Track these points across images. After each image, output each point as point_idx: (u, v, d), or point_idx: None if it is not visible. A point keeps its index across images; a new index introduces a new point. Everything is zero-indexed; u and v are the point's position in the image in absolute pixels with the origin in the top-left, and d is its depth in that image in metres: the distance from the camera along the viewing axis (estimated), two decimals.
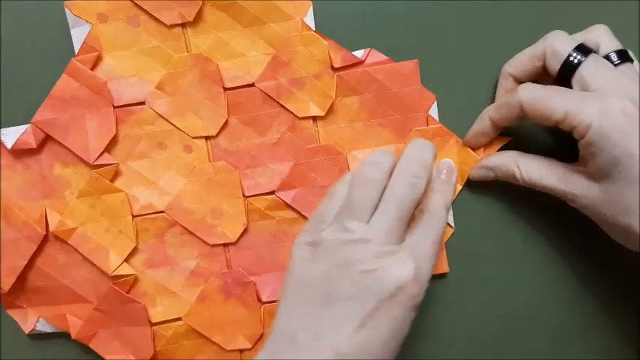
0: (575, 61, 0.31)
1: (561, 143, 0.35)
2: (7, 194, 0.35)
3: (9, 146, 0.34)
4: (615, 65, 0.32)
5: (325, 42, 0.34)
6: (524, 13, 0.35)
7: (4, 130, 0.34)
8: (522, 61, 0.34)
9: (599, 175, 0.31)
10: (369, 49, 0.35)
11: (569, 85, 0.32)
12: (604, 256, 0.36)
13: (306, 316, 0.30)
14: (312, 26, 0.34)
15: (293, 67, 0.34)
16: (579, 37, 0.33)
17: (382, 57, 0.35)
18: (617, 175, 0.30)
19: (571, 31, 0.33)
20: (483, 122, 0.34)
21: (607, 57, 0.32)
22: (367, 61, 0.35)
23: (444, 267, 0.36)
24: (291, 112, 0.35)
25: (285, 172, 0.35)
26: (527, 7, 0.35)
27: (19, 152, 0.35)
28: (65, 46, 0.34)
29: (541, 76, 0.33)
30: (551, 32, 0.33)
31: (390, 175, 0.31)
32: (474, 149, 0.35)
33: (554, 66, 0.32)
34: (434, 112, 0.35)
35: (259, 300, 0.36)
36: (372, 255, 0.29)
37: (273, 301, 0.36)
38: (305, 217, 0.35)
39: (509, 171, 0.34)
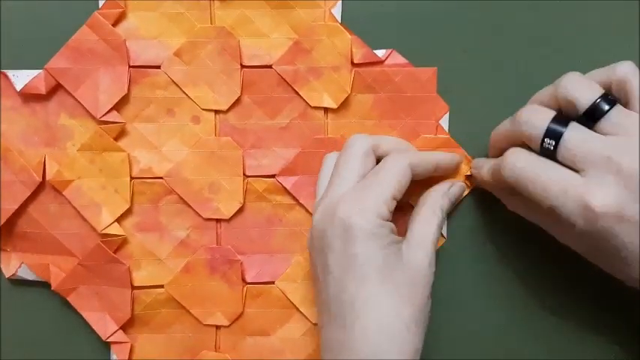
0: (551, 146, 0.29)
1: None
2: (9, 136, 0.35)
3: (18, 89, 0.34)
4: None
5: (349, 36, 0.34)
6: (529, 21, 0.35)
7: (16, 72, 0.34)
8: (499, 144, 0.33)
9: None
10: (390, 49, 0.35)
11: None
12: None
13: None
14: (339, 18, 0.34)
15: (313, 56, 0.34)
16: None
17: (402, 60, 0.35)
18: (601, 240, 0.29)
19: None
20: (482, 177, 0.34)
21: (591, 110, 0.29)
22: (387, 62, 0.35)
23: None
24: (304, 100, 0.35)
25: (289, 158, 0.35)
26: (533, 16, 0.35)
27: (28, 96, 0.35)
28: None
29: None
30: (565, 77, 0.30)
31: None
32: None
33: (535, 147, 0.30)
34: (445, 122, 0.35)
35: (243, 280, 0.36)
36: (323, 206, 0.31)
37: (257, 283, 0.36)
38: (302, 205, 0.36)
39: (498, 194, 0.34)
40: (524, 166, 0.29)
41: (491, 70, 0.36)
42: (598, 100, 0.29)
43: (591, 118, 0.29)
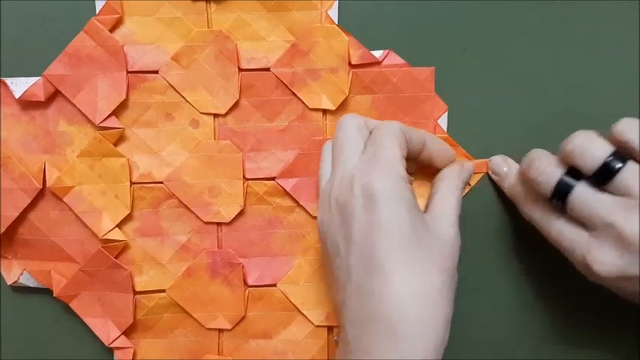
0: (559, 204, 0.29)
1: None
2: (8, 144, 0.35)
3: (17, 96, 0.34)
4: None
5: (346, 37, 0.34)
6: (528, 21, 0.35)
7: (14, 80, 0.34)
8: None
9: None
10: (387, 50, 0.35)
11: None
12: None
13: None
14: (335, 20, 0.34)
15: (311, 58, 0.34)
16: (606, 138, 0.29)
17: (400, 60, 0.35)
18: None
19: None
20: (502, 185, 0.35)
21: (601, 171, 0.28)
22: (384, 62, 0.35)
23: None
24: (303, 102, 0.35)
25: (289, 160, 0.35)
26: (532, 15, 0.35)
27: (26, 104, 0.35)
28: (88, 5, 0.34)
29: None
30: (574, 136, 0.29)
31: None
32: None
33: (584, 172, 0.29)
34: (443, 122, 0.35)
35: (245, 283, 0.36)
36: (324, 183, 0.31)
37: (259, 286, 0.36)
38: (302, 207, 0.36)
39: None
40: (540, 217, 0.31)
41: (489, 69, 0.36)
42: (609, 159, 0.28)
43: (602, 176, 0.28)
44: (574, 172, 0.29)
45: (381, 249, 0.28)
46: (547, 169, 0.30)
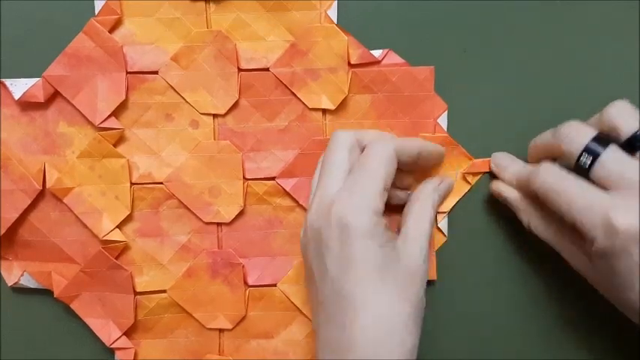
0: (588, 161, 0.30)
1: None
2: (8, 145, 0.35)
3: (17, 97, 0.34)
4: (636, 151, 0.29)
5: (345, 37, 0.34)
6: (528, 21, 0.35)
7: (14, 81, 0.34)
8: (537, 153, 0.34)
9: (593, 259, 0.30)
10: (387, 49, 0.35)
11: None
12: None
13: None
14: (335, 20, 0.34)
15: (310, 58, 0.34)
16: (595, 121, 0.31)
17: (399, 59, 0.35)
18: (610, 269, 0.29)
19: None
20: (503, 177, 0.35)
21: (632, 139, 0.30)
22: (384, 62, 0.35)
23: (432, 274, 0.36)
24: (302, 102, 0.35)
25: (288, 160, 0.35)
26: (531, 14, 0.35)
27: (26, 105, 0.35)
28: (87, 5, 0.34)
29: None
30: (566, 124, 0.31)
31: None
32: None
33: (570, 162, 0.30)
34: (443, 121, 0.35)
35: (245, 283, 0.36)
36: (315, 205, 0.30)
37: (259, 286, 0.36)
38: (302, 207, 0.36)
39: (519, 216, 0.34)
40: (555, 180, 0.30)
41: (489, 69, 0.36)
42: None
43: (631, 146, 0.29)
44: (601, 139, 0.30)
45: (353, 284, 0.29)
46: (574, 133, 0.30)
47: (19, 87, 0.34)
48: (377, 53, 0.35)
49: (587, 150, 0.30)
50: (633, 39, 0.35)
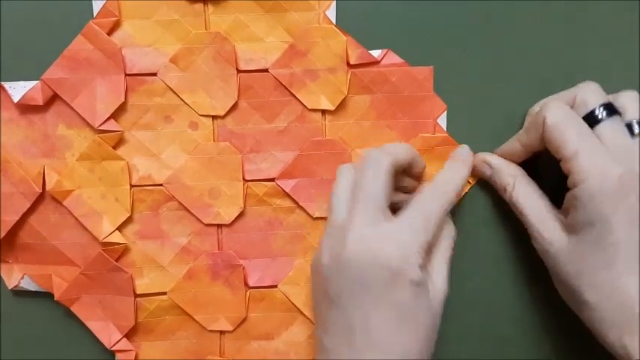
0: (599, 117, 0.31)
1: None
2: (7, 148, 0.35)
3: (15, 100, 0.34)
4: (634, 135, 0.31)
5: (344, 37, 0.34)
6: (528, 21, 0.35)
7: (12, 84, 0.34)
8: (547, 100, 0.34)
9: (573, 229, 0.31)
10: (386, 49, 0.35)
11: None
12: None
13: (322, 324, 0.31)
14: (333, 20, 0.34)
15: (309, 58, 0.34)
16: (609, 97, 0.32)
17: (398, 59, 0.35)
18: (588, 236, 0.30)
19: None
20: (512, 143, 0.34)
21: (629, 124, 0.31)
22: (383, 62, 0.35)
23: None
24: (301, 103, 0.35)
25: (288, 161, 0.35)
26: (532, 15, 0.35)
27: (25, 108, 0.35)
28: (85, 8, 0.34)
29: None
30: (585, 82, 0.32)
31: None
32: None
33: (579, 114, 0.31)
34: (442, 121, 0.35)
35: (246, 284, 0.36)
36: (355, 243, 0.29)
37: (260, 287, 0.36)
38: (302, 208, 0.36)
39: (502, 180, 0.34)
40: (566, 114, 0.31)
41: (488, 69, 0.35)
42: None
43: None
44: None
45: (387, 326, 0.29)
46: (599, 88, 0.32)
47: (17, 90, 0.34)
48: (376, 53, 0.35)
49: (604, 106, 0.31)
50: (633, 39, 0.35)
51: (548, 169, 0.34)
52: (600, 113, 0.31)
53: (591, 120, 0.31)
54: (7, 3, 0.34)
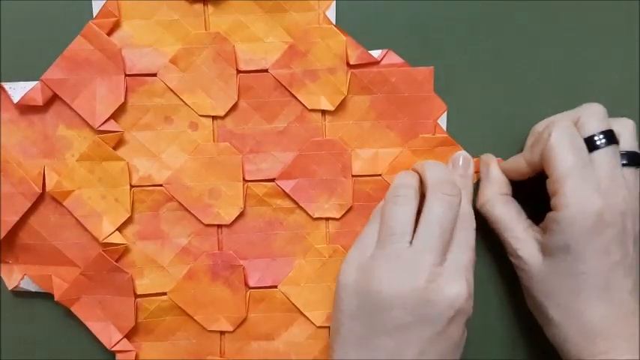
0: (598, 143, 0.31)
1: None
2: (7, 149, 0.35)
3: (15, 101, 0.34)
4: (623, 165, 0.31)
5: (344, 37, 0.34)
6: (528, 21, 0.35)
7: (12, 84, 0.34)
8: (554, 120, 0.34)
9: (548, 251, 0.31)
10: (386, 50, 0.35)
11: None
12: None
13: (363, 349, 0.30)
14: (333, 20, 0.34)
15: (309, 59, 0.34)
16: (609, 122, 0.32)
17: (398, 60, 0.35)
18: (561, 262, 0.31)
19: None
20: (517, 159, 0.34)
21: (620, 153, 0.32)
22: (383, 62, 0.35)
23: None
24: (301, 103, 0.35)
25: (288, 162, 0.35)
26: (532, 15, 0.35)
27: (25, 108, 0.35)
28: (85, 8, 0.34)
29: None
30: (589, 105, 0.32)
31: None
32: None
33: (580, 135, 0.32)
34: (443, 121, 0.35)
35: (246, 284, 0.36)
36: (424, 279, 0.29)
37: (260, 287, 0.36)
38: (302, 208, 0.36)
39: (487, 192, 0.34)
40: (570, 138, 0.31)
41: (488, 69, 0.35)
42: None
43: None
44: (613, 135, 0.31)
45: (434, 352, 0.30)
46: (603, 114, 0.32)
47: (17, 91, 0.34)
48: (376, 54, 0.35)
49: (604, 133, 0.31)
50: (633, 39, 0.35)
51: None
52: (599, 140, 0.31)
53: (589, 145, 0.31)
54: (7, 3, 0.34)
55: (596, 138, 0.31)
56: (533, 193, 0.34)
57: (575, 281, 0.31)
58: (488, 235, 0.36)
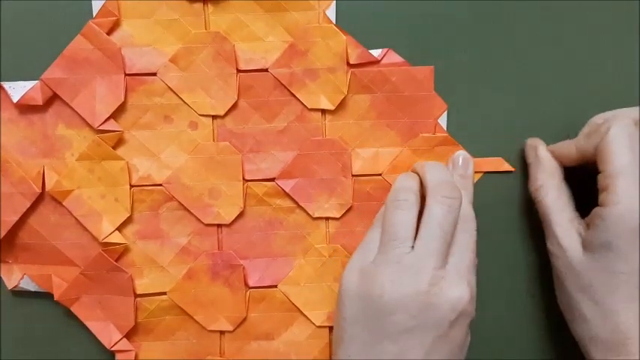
0: None
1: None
2: (7, 148, 0.35)
3: (15, 100, 0.34)
4: None
5: (344, 37, 0.34)
6: (528, 21, 0.35)
7: (12, 84, 0.34)
8: (615, 114, 0.33)
9: (589, 246, 0.31)
10: (386, 49, 0.35)
11: None
12: None
13: (366, 354, 0.30)
14: (333, 20, 0.34)
15: (309, 58, 0.34)
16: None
17: (399, 59, 0.35)
18: (602, 259, 0.30)
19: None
20: (568, 144, 0.33)
21: None
22: (383, 62, 0.35)
23: None
24: (301, 102, 0.35)
25: (288, 161, 0.35)
26: (533, 15, 0.35)
27: (25, 108, 0.35)
28: (85, 8, 0.34)
29: None
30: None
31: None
32: None
33: None
34: (443, 121, 0.35)
35: (246, 284, 0.36)
36: (426, 283, 0.29)
37: (260, 287, 0.36)
38: (302, 208, 0.35)
39: (538, 174, 0.34)
40: (631, 135, 0.30)
41: (489, 68, 0.35)
42: None
43: None
44: None
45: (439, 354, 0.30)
46: None
47: (17, 90, 0.34)
48: (376, 53, 0.35)
49: None
50: (633, 39, 0.35)
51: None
52: None
53: None
54: (7, 3, 0.34)
55: None
56: (581, 183, 0.33)
57: (614, 280, 0.30)
58: (488, 235, 0.36)
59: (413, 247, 0.30)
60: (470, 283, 0.30)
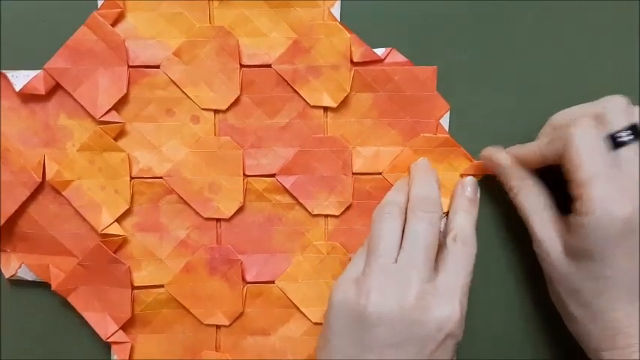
0: (624, 139, 0.30)
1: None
2: (8, 137, 0.35)
3: (17, 89, 0.34)
4: None
5: (348, 34, 0.34)
6: (529, 21, 0.35)
7: (15, 73, 0.34)
8: (574, 114, 0.32)
9: (572, 252, 0.31)
10: (390, 48, 0.35)
11: None
12: None
13: None
14: (338, 17, 0.34)
15: (312, 55, 0.34)
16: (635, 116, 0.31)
17: (402, 58, 0.35)
18: (585, 265, 0.30)
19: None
20: (531, 148, 0.33)
21: None
22: (386, 60, 0.35)
23: None
24: (304, 99, 0.35)
25: (289, 157, 0.35)
26: (534, 14, 0.35)
27: (27, 97, 0.35)
28: None
29: None
30: (613, 98, 0.31)
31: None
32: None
33: (603, 131, 0.30)
34: (445, 121, 0.35)
35: (243, 279, 0.36)
36: (412, 296, 0.29)
37: (257, 282, 0.36)
38: (301, 205, 0.36)
39: (509, 182, 0.34)
40: (593, 140, 0.30)
41: (491, 69, 0.35)
42: None
43: None
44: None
45: None
46: (630, 108, 0.31)
47: (20, 79, 0.34)
48: (380, 52, 0.35)
49: (631, 128, 0.30)
50: (633, 39, 0.35)
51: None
52: (626, 136, 0.30)
53: (615, 140, 0.30)
54: None
55: (623, 134, 0.30)
56: (558, 179, 0.33)
57: (600, 284, 0.30)
58: (488, 235, 0.36)
59: (397, 260, 0.30)
60: (461, 303, 0.30)
